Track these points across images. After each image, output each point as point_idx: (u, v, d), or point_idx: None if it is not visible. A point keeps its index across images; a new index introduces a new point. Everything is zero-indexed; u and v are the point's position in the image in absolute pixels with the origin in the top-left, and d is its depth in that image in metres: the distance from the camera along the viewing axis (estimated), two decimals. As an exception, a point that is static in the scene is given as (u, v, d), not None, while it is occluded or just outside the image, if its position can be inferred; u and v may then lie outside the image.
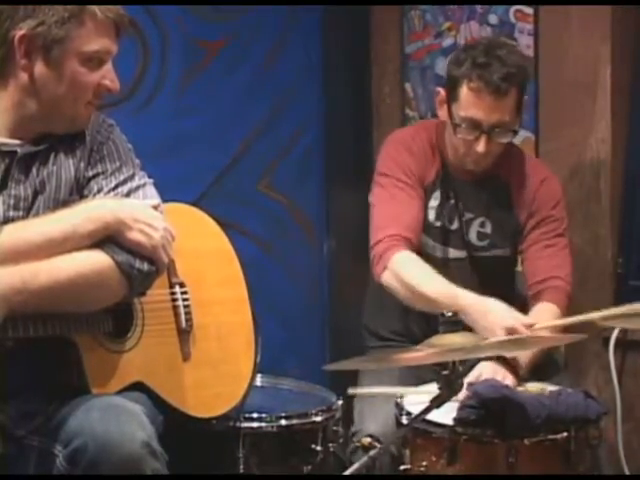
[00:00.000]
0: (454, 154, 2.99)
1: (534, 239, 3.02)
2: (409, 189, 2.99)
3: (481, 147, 2.88)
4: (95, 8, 2.24)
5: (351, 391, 2.85)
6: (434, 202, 3.03)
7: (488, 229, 3.05)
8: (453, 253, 3.04)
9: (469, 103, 2.87)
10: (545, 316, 2.90)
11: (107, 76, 2.29)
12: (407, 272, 2.90)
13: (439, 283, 2.85)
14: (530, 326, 2.73)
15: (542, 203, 3.03)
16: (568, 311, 2.94)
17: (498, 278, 2.92)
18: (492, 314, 2.74)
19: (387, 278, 2.93)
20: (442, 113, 2.99)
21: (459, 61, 2.90)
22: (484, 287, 2.94)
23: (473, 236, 3.05)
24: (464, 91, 2.87)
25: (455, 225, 3.04)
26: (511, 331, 2.69)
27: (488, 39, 3.37)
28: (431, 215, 3.03)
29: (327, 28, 3.93)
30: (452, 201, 3.04)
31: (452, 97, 2.91)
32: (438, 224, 3.04)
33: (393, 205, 2.98)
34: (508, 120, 2.89)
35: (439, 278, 2.87)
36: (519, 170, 3.06)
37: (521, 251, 3.06)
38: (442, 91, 2.98)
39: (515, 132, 2.96)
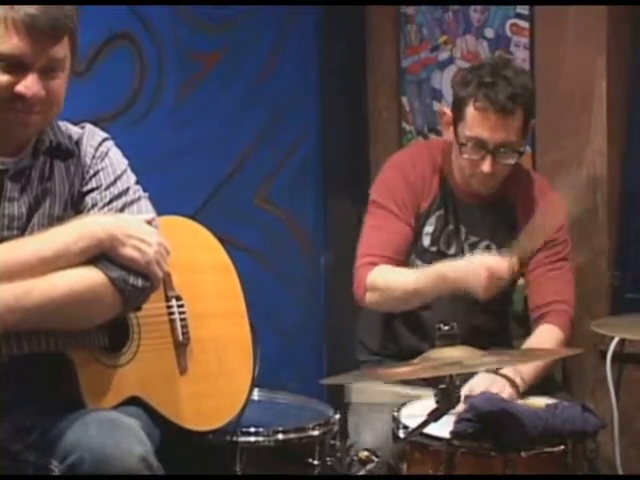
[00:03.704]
0: (460, 175, 2.99)
1: (538, 262, 3.01)
2: (397, 220, 3.01)
3: (486, 167, 2.88)
4: (23, 10, 2.13)
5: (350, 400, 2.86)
6: (429, 228, 3.04)
7: (493, 252, 3.04)
8: None
9: (475, 122, 2.87)
10: (547, 337, 2.91)
11: (23, 82, 2.17)
12: (385, 277, 2.94)
13: (417, 271, 2.93)
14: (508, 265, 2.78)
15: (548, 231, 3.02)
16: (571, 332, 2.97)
17: (495, 301, 2.91)
18: (470, 266, 2.80)
19: (369, 297, 2.97)
20: (448, 134, 2.99)
21: (465, 81, 2.91)
22: (480, 311, 2.97)
23: None
24: (470, 110, 2.87)
25: (453, 250, 3.04)
26: (491, 270, 2.74)
27: (495, 59, 3.37)
28: (426, 241, 3.04)
29: (323, 41, 3.94)
30: (451, 226, 3.04)
31: (458, 117, 2.92)
32: (434, 249, 3.04)
33: (378, 234, 3.01)
34: (513, 140, 2.89)
35: (416, 270, 2.94)
36: (525, 193, 3.05)
37: (525, 273, 3.05)
38: (448, 112, 2.99)
39: (520, 153, 2.95)
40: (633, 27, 3.49)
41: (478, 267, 2.77)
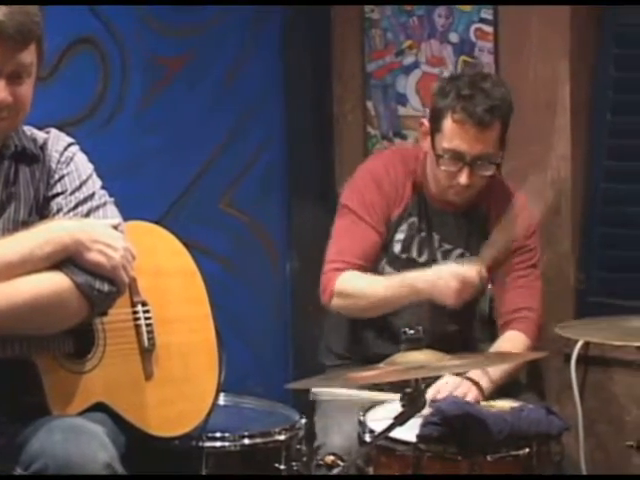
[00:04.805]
0: (436, 185, 2.99)
1: (507, 268, 3.03)
2: (366, 226, 3.01)
3: (463, 179, 2.89)
4: None
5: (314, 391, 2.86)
6: (400, 235, 3.04)
7: (467, 260, 3.04)
8: None
9: (453, 134, 2.87)
10: (513, 343, 2.93)
11: None
12: (354, 285, 2.96)
13: (387, 280, 2.94)
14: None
15: (518, 232, 3.04)
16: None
17: (462, 306, 2.92)
18: (439, 276, 2.83)
19: (336, 302, 2.97)
20: (425, 144, 2.99)
21: (444, 93, 2.91)
22: (447, 315, 2.97)
23: None
24: (448, 122, 2.88)
25: (424, 257, 3.04)
26: (462, 280, 2.78)
27: (473, 71, 3.38)
28: (397, 248, 3.04)
29: (288, 45, 3.93)
30: (424, 233, 3.04)
31: (436, 128, 2.92)
32: (404, 256, 3.04)
33: (346, 240, 3.02)
34: (491, 152, 2.90)
35: (385, 278, 2.95)
36: (499, 201, 3.06)
37: (493, 279, 3.05)
38: (425, 122, 2.99)
39: (498, 165, 2.97)
40: (596, 31, 3.51)
41: (448, 277, 2.79)
